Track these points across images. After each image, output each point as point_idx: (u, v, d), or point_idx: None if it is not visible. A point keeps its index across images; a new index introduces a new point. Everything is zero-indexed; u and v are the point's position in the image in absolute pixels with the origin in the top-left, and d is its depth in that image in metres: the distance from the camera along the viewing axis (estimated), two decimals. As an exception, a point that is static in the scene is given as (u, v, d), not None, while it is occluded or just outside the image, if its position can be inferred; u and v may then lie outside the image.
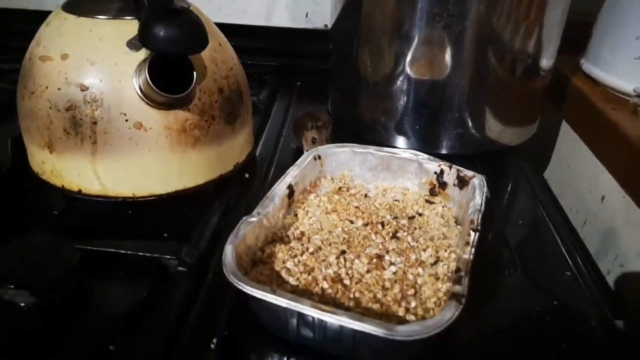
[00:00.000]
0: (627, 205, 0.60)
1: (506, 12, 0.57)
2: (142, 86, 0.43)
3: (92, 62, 0.44)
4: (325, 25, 0.90)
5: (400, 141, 0.65)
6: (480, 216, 0.41)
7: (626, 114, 0.63)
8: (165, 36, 0.38)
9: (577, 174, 0.74)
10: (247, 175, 0.57)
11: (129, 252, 0.43)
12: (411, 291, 0.37)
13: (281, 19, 0.91)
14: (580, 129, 0.72)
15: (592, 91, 0.70)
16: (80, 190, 0.48)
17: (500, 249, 0.49)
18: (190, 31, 0.39)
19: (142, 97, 0.44)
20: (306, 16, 0.91)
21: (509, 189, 0.62)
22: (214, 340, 0.37)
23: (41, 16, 0.85)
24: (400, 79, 0.62)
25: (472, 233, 0.39)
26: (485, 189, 0.45)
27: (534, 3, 0.57)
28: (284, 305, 0.32)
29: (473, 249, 0.37)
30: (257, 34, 0.90)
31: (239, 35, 0.81)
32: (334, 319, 0.31)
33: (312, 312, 0.32)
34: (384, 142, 0.64)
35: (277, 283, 0.38)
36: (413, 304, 0.36)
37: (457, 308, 0.32)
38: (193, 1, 0.54)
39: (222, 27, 0.57)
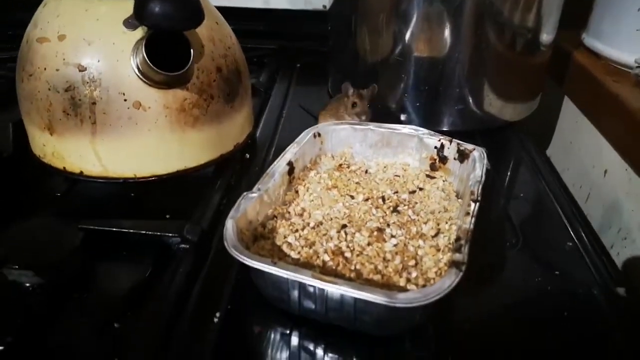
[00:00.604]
0: (629, 177, 0.59)
1: (505, -14, 0.56)
2: (139, 65, 0.43)
3: (89, 42, 0.44)
4: (324, 6, 0.89)
5: (402, 119, 0.64)
6: (480, 187, 0.41)
7: (628, 86, 0.62)
8: (160, 11, 0.38)
9: (580, 149, 0.74)
10: (247, 156, 0.57)
11: (131, 231, 0.43)
12: (412, 262, 0.38)
13: (280, 1, 0.90)
14: (582, 103, 0.72)
15: (593, 65, 0.70)
16: (81, 172, 0.48)
17: (501, 221, 0.49)
18: (186, 6, 0.39)
19: (140, 76, 0.44)
20: (305, -3, 0.90)
21: (510, 164, 0.62)
22: (217, 314, 0.37)
23: (39, 3, 0.85)
24: (400, 56, 0.61)
25: (472, 204, 0.39)
26: (486, 161, 0.45)
27: (533, -24, 0.57)
28: (284, 276, 0.33)
29: (473, 219, 0.37)
30: (255, 17, 0.90)
31: (238, 18, 0.80)
32: (335, 288, 0.31)
33: (313, 282, 0.32)
34: (385, 120, 0.63)
35: (278, 257, 0.38)
36: (414, 274, 0.36)
37: (457, 275, 0.32)
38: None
39: (221, 10, 0.57)
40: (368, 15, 0.63)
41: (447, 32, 0.59)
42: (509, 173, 0.59)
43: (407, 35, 0.60)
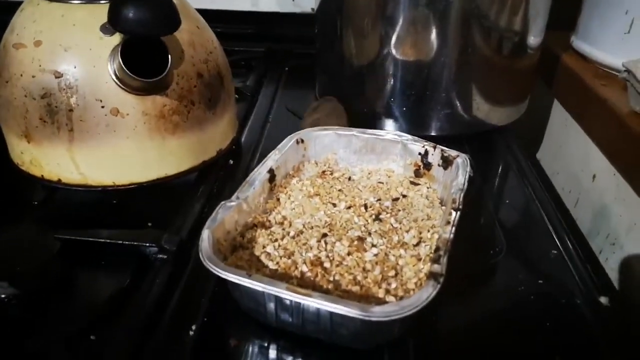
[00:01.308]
0: (617, 183, 0.59)
1: (491, -11, 0.56)
2: (116, 71, 0.43)
3: (66, 48, 0.43)
4: (313, 9, 0.88)
5: (388, 124, 0.64)
6: (462, 195, 0.40)
7: (616, 90, 0.62)
8: (134, 17, 0.37)
9: (569, 153, 0.73)
10: (231, 162, 0.56)
11: (108, 240, 0.43)
12: (392, 272, 0.37)
13: (268, 4, 0.90)
14: (571, 106, 0.71)
15: (582, 68, 0.69)
16: (60, 180, 0.47)
17: (486, 228, 0.48)
18: (161, 11, 0.39)
19: (118, 82, 0.43)
20: (292, 0, 0.90)
21: (499, 169, 0.61)
22: (193, 327, 0.36)
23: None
24: (386, 60, 0.61)
25: (454, 212, 0.38)
26: (469, 168, 0.44)
27: (519, -22, 0.56)
28: (259, 289, 0.32)
29: (453, 228, 0.37)
30: (243, 20, 0.89)
31: (226, 21, 0.80)
32: (310, 302, 0.31)
33: (287, 295, 0.31)
34: (372, 125, 0.63)
35: (256, 267, 0.38)
36: (393, 285, 0.36)
37: (434, 287, 0.31)
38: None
39: (208, 13, 0.56)
40: (353, 18, 0.62)
41: (433, 36, 0.58)
42: (495, 179, 0.58)
43: (393, 39, 0.59)
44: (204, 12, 0.55)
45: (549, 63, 0.75)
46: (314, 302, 0.30)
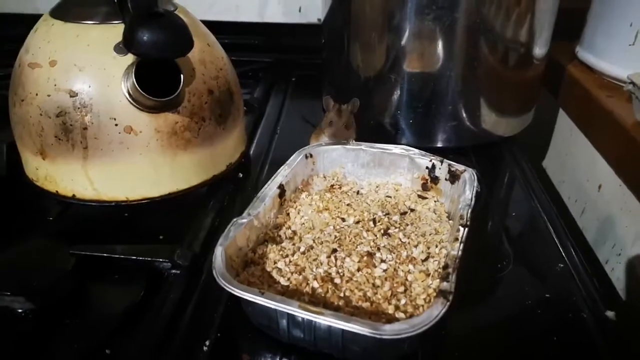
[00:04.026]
0: (623, 193, 0.59)
1: (496, 1, 0.56)
2: (130, 90, 0.44)
3: (80, 68, 0.45)
4: (319, 20, 0.89)
5: (395, 136, 0.64)
6: (469, 211, 0.41)
7: (621, 101, 0.62)
8: (148, 40, 0.38)
9: (575, 162, 0.74)
10: (241, 175, 0.57)
11: (122, 256, 0.43)
12: (401, 288, 0.38)
13: (274, 15, 0.91)
14: (576, 116, 0.72)
15: (587, 78, 0.70)
16: (74, 196, 0.48)
17: (493, 241, 0.49)
18: (175, 35, 0.39)
19: (131, 101, 0.44)
20: (299, 11, 0.91)
21: (505, 180, 0.62)
22: (207, 342, 0.37)
23: (35, 20, 0.86)
24: (392, 73, 0.62)
25: (461, 229, 0.39)
26: (476, 183, 0.45)
27: (524, -8, 0.57)
28: (272, 306, 0.33)
29: (462, 245, 0.37)
30: (250, 31, 0.90)
31: (232, 32, 0.81)
32: (321, 319, 0.31)
33: (300, 313, 0.32)
34: (378, 136, 0.63)
35: (268, 284, 0.38)
36: (403, 301, 0.37)
37: (444, 305, 0.32)
38: (187, 0, 0.54)
39: (214, 25, 0.57)
40: (360, 30, 0.63)
41: (439, 49, 0.59)
42: (502, 190, 0.59)
43: (399, 51, 0.60)
44: (211, 24, 0.56)
45: (555, 73, 0.75)
46: (326, 321, 0.31)
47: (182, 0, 0.54)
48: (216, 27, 0.57)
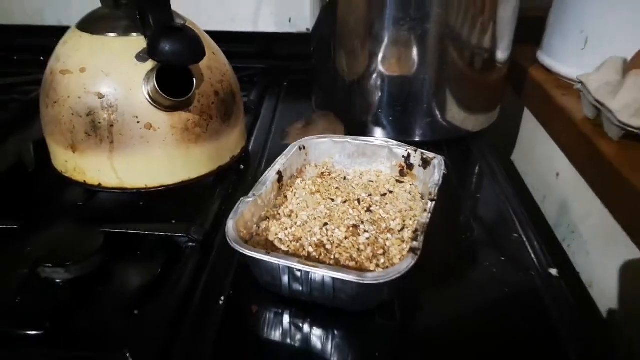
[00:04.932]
0: (576, 180, 0.68)
1: (462, 13, 0.65)
2: (150, 92, 0.51)
3: (107, 74, 0.52)
4: (308, 29, 0.98)
5: (377, 131, 0.73)
6: (437, 189, 0.50)
7: (573, 99, 0.71)
8: (169, 50, 0.46)
9: (538, 154, 0.83)
10: (242, 167, 0.65)
11: (146, 232, 0.51)
12: (380, 251, 0.46)
13: (267, 25, 0.99)
14: (538, 113, 0.81)
15: (546, 79, 0.79)
16: (100, 184, 0.56)
17: (460, 217, 0.57)
18: (191, 45, 0.47)
19: (151, 101, 0.52)
20: (290, 21, 0.99)
21: (473, 169, 0.70)
22: (222, 298, 0.45)
23: (43, 31, 0.95)
24: (374, 76, 0.70)
25: (430, 202, 0.48)
26: (443, 167, 0.54)
27: (486, 4, 0.65)
28: (277, 263, 0.41)
29: (429, 215, 0.46)
30: (245, 40, 0.98)
31: (229, 41, 0.88)
32: (317, 271, 0.39)
33: (300, 267, 0.40)
34: (363, 132, 0.72)
35: (271, 250, 0.46)
36: (382, 260, 0.45)
37: (413, 258, 0.40)
38: (188, 12, 0.62)
39: (213, 34, 0.64)
40: (345, 38, 0.71)
41: (414, 55, 0.67)
42: (469, 177, 0.68)
43: (380, 58, 0.69)
44: (210, 33, 0.63)
45: (519, 75, 0.84)
46: (320, 271, 0.39)
47: (185, 12, 0.60)
48: (215, 37, 0.64)
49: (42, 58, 0.89)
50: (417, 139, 0.72)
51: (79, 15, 0.58)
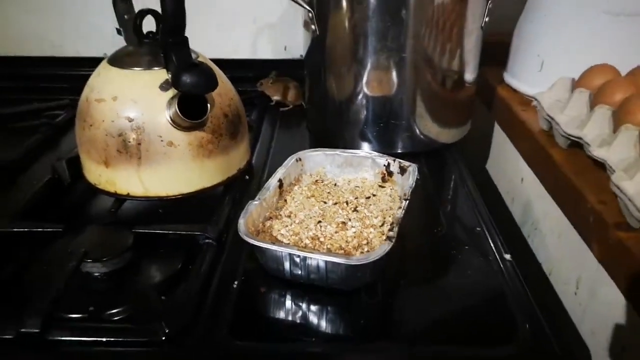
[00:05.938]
0: (536, 183, 0.79)
1: (432, 43, 0.75)
2: (171, 115, 0.62)
3: (135, 101, 0.63)
4: (301, 56, 1.08)
5: (363, 145, 0.83)
6: (410, 190, 0.60)
7: (532, 114, 0.82)
8: (190, 82, 0.56)
9: (507, 162, 0.94)
10: (247, 177, 0.76)
11: (170, 232, 0.61)
12: (365, 242, 0.56)
13: (264, 53, 1.11)
14: (504, 127, 0.92)
15: (511, 97, 0.90)
16: (128, 194, 0.66)
17: (432, 216, 0.68)
18: (207, 78, 0.58)
19: (172, 123, 0.62)
20: (285, 49, 1.11)
21: (446, 176, 0.81)
22: (235, 282, 0.55)
23: (63, 62, 1.07)
24: (359, 97, 0.80)
25: (404, 201, 0.58)
26: (417, 173, 0.64)
27: (452, 35, 0.76)
28: (280, 251, 0.51)
29: (403, 211, 0.56)
30: (246, 66, 1.10)
31: (232, 67, 0.99)
32: (313, 256, 0.50)
33: (299, 253, 0.50)
34: (350, 146, 0.82)
35: (274, 243, 0.56)
36: (366, 249, 0.55)
37: (389, 245, 0.51)
38: (200, 44, 0.72)
39: (219, 62, 0.73)
40: (333, 64, 0.82)
41: (393, 78, 0.78)
42: (443, 183, 0.78)
43: (364, 80, 0.79)
44: (215, 61, 0.73)
45: (489, 93, 0.96)
46: (315, 256, 0.50)
47: (194, 42, 0.66)
48: (221, 64, 0.74)
49: (65, 86, 1.00)
50: (399, 151, 0.83)
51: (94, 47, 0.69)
